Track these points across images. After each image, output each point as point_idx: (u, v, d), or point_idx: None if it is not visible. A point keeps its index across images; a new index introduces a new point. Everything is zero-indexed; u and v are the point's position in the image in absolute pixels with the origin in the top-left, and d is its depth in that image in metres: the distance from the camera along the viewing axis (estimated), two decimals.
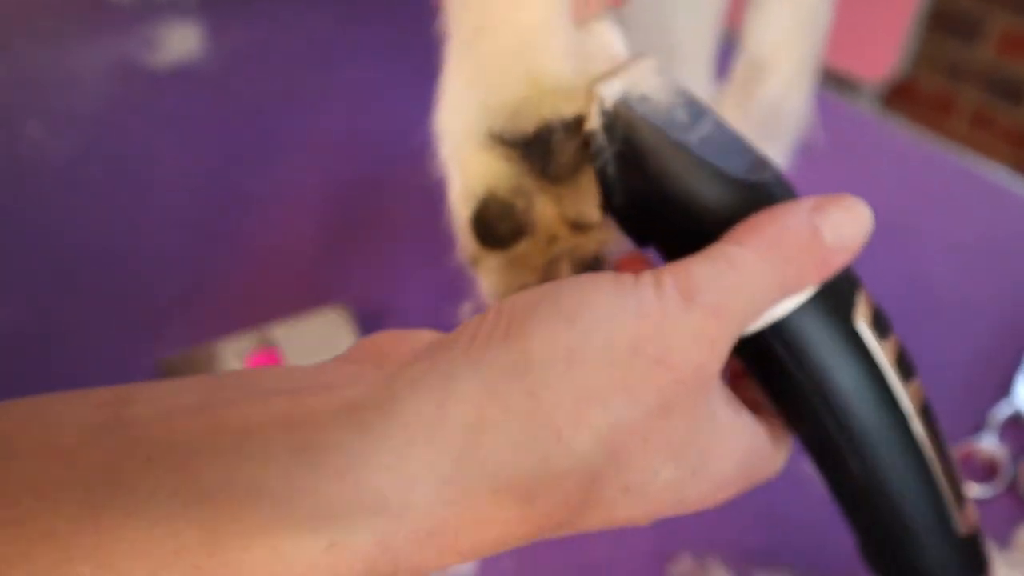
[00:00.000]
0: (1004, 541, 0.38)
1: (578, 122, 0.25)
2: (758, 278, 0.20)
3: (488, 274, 0.28)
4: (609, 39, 0.28)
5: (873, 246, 0.60)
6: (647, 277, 0.20)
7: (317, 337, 0.46)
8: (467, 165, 0.26)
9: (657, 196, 0.24)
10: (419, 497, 0.16)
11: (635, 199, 0.25)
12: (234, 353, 0.45)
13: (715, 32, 0.55)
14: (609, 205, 0.26)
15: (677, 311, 0.19)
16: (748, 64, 0.54)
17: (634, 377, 0.18)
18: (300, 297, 0.50)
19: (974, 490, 0.39)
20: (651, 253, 0.27)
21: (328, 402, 0.17)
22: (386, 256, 0.54)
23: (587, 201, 0.26)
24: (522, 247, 0.27)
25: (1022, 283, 0.50)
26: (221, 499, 0.15)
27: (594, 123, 0.25)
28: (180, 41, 0.76)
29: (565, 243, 0.27)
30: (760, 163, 0.23)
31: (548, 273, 0.27)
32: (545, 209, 0.26)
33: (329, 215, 0.58)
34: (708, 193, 0.23)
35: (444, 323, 0.53)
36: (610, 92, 0.24)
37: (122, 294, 0.51)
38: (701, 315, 0.19)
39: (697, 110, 0.24)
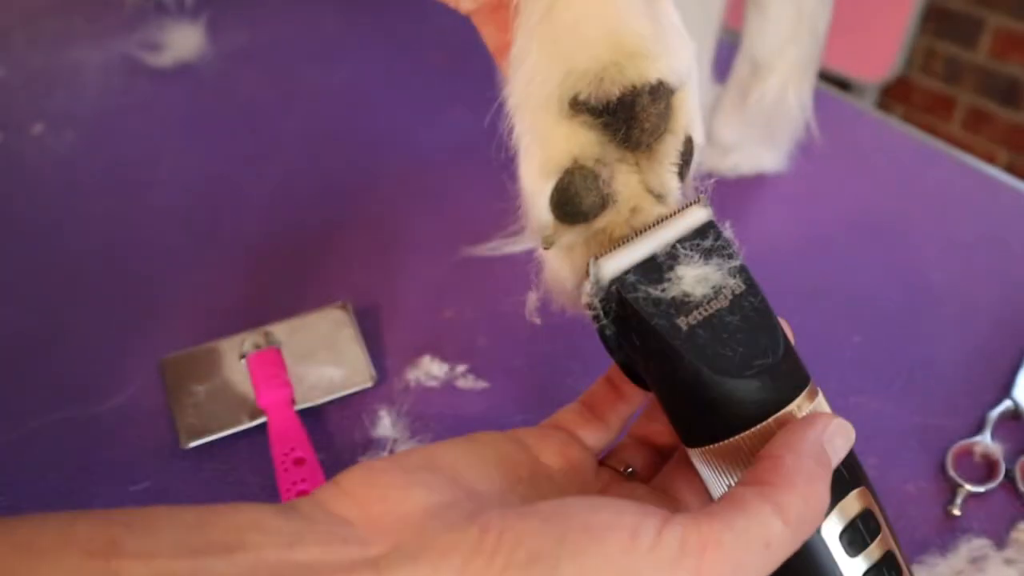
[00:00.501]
0: (1001, 538, 0.38)
1: (660, 85, 0.25)
2: (786, 552, 0.20)
3: (562, 254, 0.27)
4: (674, 15, 0.27)
5: (873, 245, 0.60)
6: (668, 545, 0.19)
7: (317, 337, 0.46)
8: (548, 136, 0.25)
9: (646, 368, 0.24)
10: None
11: (632, 361, 0.25)
12: (235, 353, 0.45)
13: (715, 32, 0.55)
14: (611, 356, 0.26)
15: None
16: (748, 64, 0.54)
17: None
18: (300, 297, 0.50)
19: (972, 488, 0.39)
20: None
21: None
22: (386, 256, 0.54)
23: (667, 168, 0.26)
24: (603, 220, 0.26)
25: (1022, 280, 0.51)
26: None
27: (588, 296, 0.24)
28: (181, 41, 0.76)
29: (647, 214, 0.26)
30: (762, 351, 0.23)
31: None
32: (627, 179, 0.26)
33: (329, 215, 0.58)
34: (689, 381, 0.23)
35: (444, 323, 0.53)
36: (605, 271, 0.24)
37: (123, 294, 0.52)
38: None
39: (717, 282, 0.24)
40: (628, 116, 0.25)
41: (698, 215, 0.25)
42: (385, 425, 0.42)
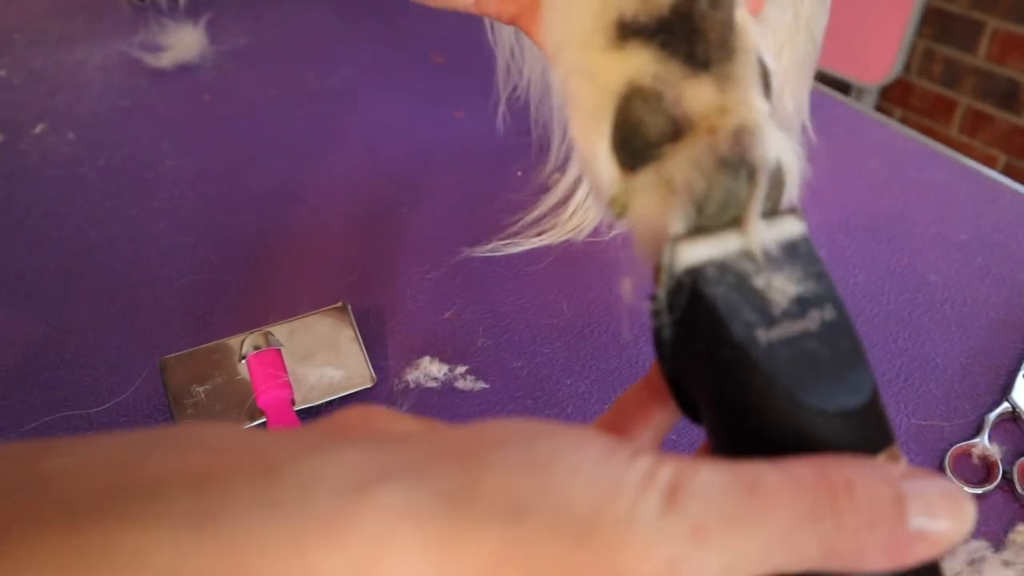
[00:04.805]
0: (998, 540, 0.38)
1: None
2: (780, 515, 0.16)
3: (644, 206, 0.21)
4: None
5: (871, 247, 0.60)
6: (643, 461, 0.16)
7: (317, 337, 0.47)
8: (596, 70, 0.22)
9: (703, 385, 0.20)
10: None
11: (687, 378, 0.21)
12: (235, 353, 0.45)
13: None
14: (661, 366, 0.22)
15: (654, 522, 0.15)
16: None
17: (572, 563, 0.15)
18: (300, 297, 0.51)
19: (969, 490, 0.39)
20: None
21: (249, 463, 0.16)
22: (386, 256, 0.54)
23: (750, 88, 0.21)
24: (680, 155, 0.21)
25: (1020, 282, 0.51)
26: (99, 567, 0.14)
27: (658, 283, 0.20)
28: (181, 42, 0.76)
29: (747, 113, 0.22)
30: (848, 389, 0.19)
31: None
32: (700, 92, 0.21)
33: (329, 215, 0.58)
34: (757, 405, 0.19)
35: (444, 323, 0.53)
36: (682, 257, 0.20)
37: (123, 294, 0.52)
38: (684, 537, 0.15)
39: (808, 303, 0.20)
40: (687, 29, 0.21)
41: (793, 226, 0.21)
42: None
